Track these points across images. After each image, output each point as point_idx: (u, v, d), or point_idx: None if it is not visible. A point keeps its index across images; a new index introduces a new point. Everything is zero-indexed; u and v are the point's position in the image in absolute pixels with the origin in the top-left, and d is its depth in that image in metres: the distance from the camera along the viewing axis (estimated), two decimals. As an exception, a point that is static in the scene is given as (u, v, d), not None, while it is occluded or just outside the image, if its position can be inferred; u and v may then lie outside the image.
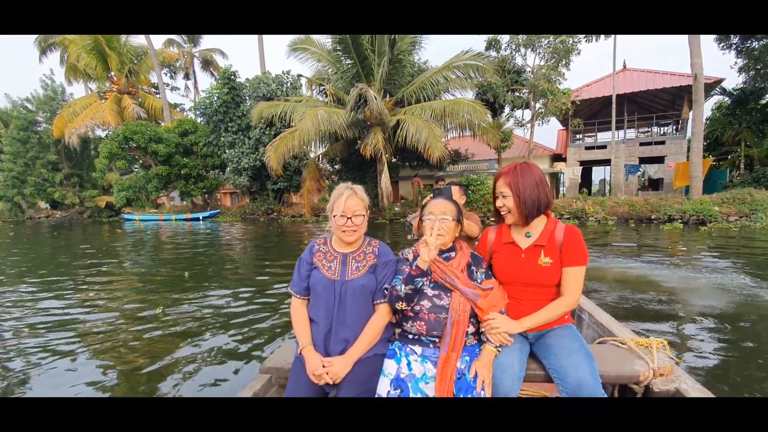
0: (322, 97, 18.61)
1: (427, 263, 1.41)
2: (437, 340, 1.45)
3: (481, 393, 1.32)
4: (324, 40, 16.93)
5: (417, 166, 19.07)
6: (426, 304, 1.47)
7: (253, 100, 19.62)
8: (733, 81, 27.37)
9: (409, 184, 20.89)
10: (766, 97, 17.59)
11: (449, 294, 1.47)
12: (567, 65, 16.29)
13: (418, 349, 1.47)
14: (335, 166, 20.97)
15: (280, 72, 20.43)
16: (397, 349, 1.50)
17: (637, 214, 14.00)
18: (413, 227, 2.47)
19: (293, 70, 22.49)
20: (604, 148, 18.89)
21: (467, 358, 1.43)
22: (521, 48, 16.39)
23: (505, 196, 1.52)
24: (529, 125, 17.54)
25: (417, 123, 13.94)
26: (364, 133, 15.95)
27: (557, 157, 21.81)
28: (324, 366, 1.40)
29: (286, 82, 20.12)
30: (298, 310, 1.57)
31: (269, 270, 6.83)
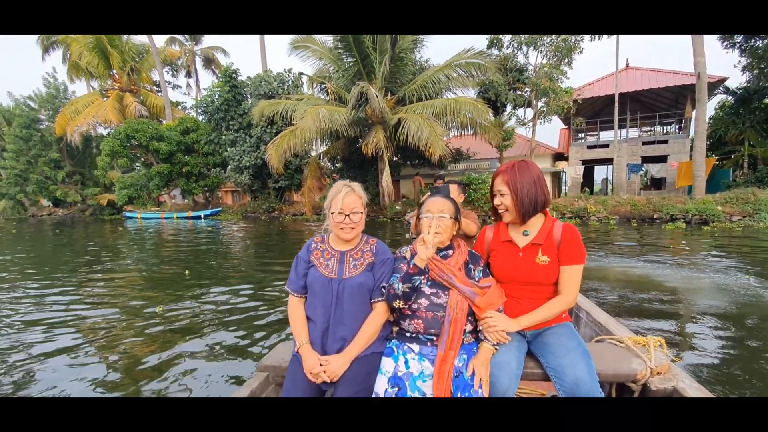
0: (323, 96, 18.58)
1: (424, 261, 1.41)
2: (435, 339, 1.45)
3: (479, 391, 1.31)
4: (325, 38, 16.92)
5: (418, 164, 19.04)
6: (423, 302, 1.46)
7: (254, 99, 19.63)
8: (737, 80, 27.27)
9: (411, 183, 20.86)
10: (770, 96, 17.46)
11: (447, 292, 1.46)
12: (569, 64, 16.21)
13: (416, 347, 1.47)
14: (336, 165, 20.97)
15: (282, 70, 20.42)
16: (394, 348, 1.50)
17: (640, 213, 13.94)
18: (411, 225, 2.47)
19: (294, 68, 22.43)
20: (606, 147, 18.81)
21: (465, 356, 1.42)
22: (523, 46, 16.33)
23: (502, 194, 1.52)
24: (531, 124, 17.49)
25: (418, 121, 13.90)
26: (365, 131, 15.93)
27: (559, 156, 21.73)
28: (321, 364, 1.40)
29: (287, 80, 20.12)
30: (296, 309, 1.57)
31: (270, 268, 6.84)
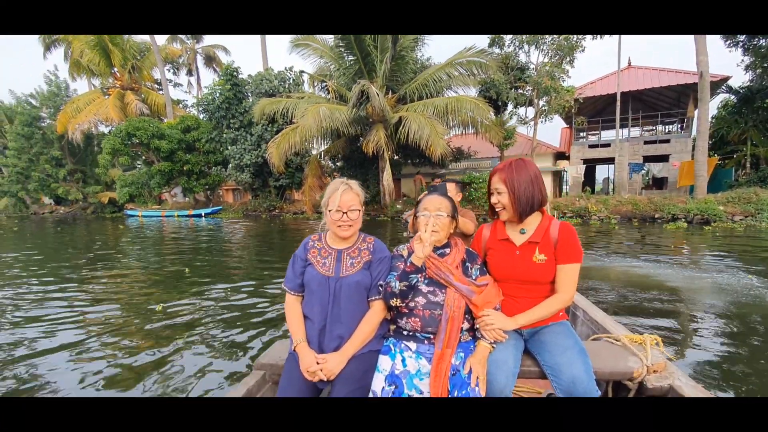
0: (324, 94, 18.56)
1: (421, 259, 1.40)
2: (432, 337, 1.45)
3: (476, 389, 1.31)
4: (326, 36, 16.90)
5: (419, 163, 19.02)
6: (421, 300, 1.46)
7: (255, 97, 19.61)
8: (740, 79, 27.14)
9: (411, 182, 20.83)
10: (773, 95, 17.36)
11: (444, 290, 1.46)
12: (571, 62, 16.15)
13: (413, 345, 1.47)
14: (337, 163, 20.95)
15: (283, 68, 20.39)
16: (391, 346, 1.50)
17: (641, 213, 13.91)
18: (409, 224, 2.46)
19: (295, 67, 22.39)
20: (607, 146, 18.75)
21: (462, 354, 1.42)
22: (525, 45, 16.26)
23: (500, 193, 1.51)
24: (532, 123, 17.44)
25: (419, 120, 13.88)
26: (366, 130, 15.91)
27: (561, 156, 21.68)
28: (318, 363, 1.40)
29: (288, 78, 20.09)
30: (293, 307, 1.57)
31: (269, 266, 6.85)
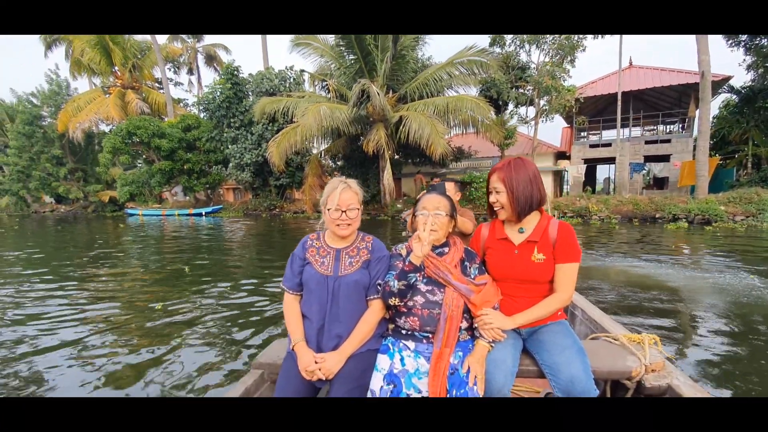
0: (324, 93, 18.55)
1: (420, 259, 1.40)
2: (430, 336, 1.44)
3: (474, 388, 1.31)
4: (327, 35, 16.86)
5: (420, 163, 19.00)
6: (419, 299, 1.46)
7: (255, 96, 19.59)
8: (742, 79, 27.02)
9: (412, 181, 20.81)
10: (775, 95, 17.30)
11: (442, 289, 1.46)
12: (572, 62, 16.12)
13: (412, 344, 1.47)
14: (337, 163, 20.94)
15: (284, 67, 20.38)
16: (390, 345, 1.49)
17: (642, 213, 13.89)
18: (407, 223, 2.46)
19: (296, 66, 22.38)
20: (608, 146, 18.72)
21: (460, 353, 1.42)
22: (526, 44, 16.23)
23: (498, 192, 1.51)
24: (533, 122, 17.41)
25: (420, 119, 13.86)
26: (366, 129, 15.90)
27: (561, 155, 21.64)
28: (317, 362, 1.40)
29: (289, 77, 20.07)
30: (291, 306, 1.56)
31: (270, 265, 6.85)
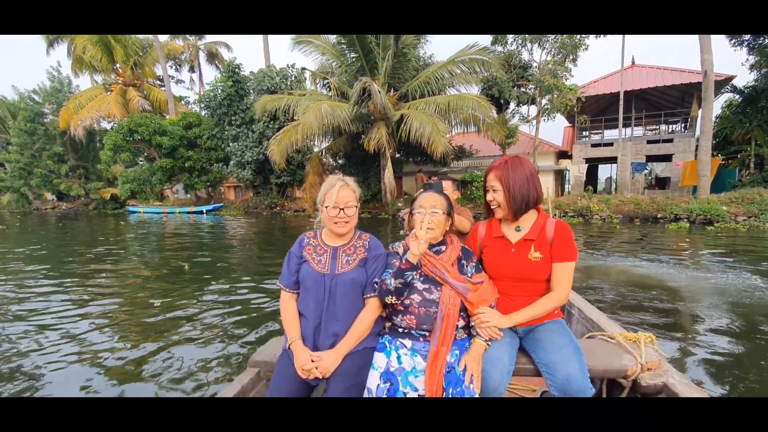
0: (325, 91, 18.52)
1: (417, 257, 1.40)
2: (427, 334, 1.44)
3: (470, 387, 1.31)
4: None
5: (421, 161, 18.98)
6: (416, 297, 1.46)
7: (257, 94, 19.58)
8: (744, 78, 26.92)
9: (413, 180, 20.79)
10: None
11: (439, 288, 1.46)
12: (574, 61, 16.06)
13: (408, 342, 1.46)
14: (338, 161, 20.92)
15: (285, 65, 20.35)
16: (387, 343, 1.49)
17: (643, 212, 13.85)
18: (405, 221, 2.46)
19: (297, 64, 22.32)
20: (610, 145, 18.66)
21: (457, 351, 1.42)
22: (528, 43, 16.18)
23: (495, 190, 1.50)
24: (535, 121, 17.36)
25: (421, 118, 13.83)
26: (367, 127, 15.88)
27: (563, 154, 21.58)
28: (313, 360, 1.40)
29: (290, 75, 20.04)
30: (288, 304, 1.56)
31: (270, 263, 6.86)
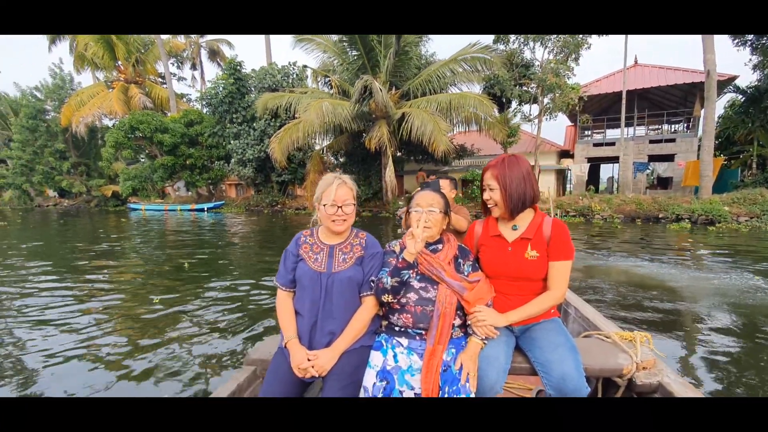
0: (327, 89, 18.50)
1: (413, 255, 1.39)
2: (424, 333, 1.44)
3: (466, 385, 1.31)
4: (330, 31, 16.78)
5: (422, 160, 18.96)
6: (412, 296, 1.45)
7: (258, 92, 19.57)
8: (747, 78, 26.75)
9: (414, 179, 20.78)
10: (781, 95, 17.09)
11: (436, 286, 1.45)
12: (576, 59, 15.98)
13: (405, 341, 1.46)
14: (340, 159, 20.92)
15: (286, 63, 20.34)
16: (383, 341, 1.49)
17: (645, 212, 13.81)
18: (402, 220, 2.45)
19: (299, 61, 22.31)
20: (612, 145, 18.60)
21: (453, 350, 1.42)
22: (530, 41, 16.11)
23: (492, 189, 1.50)
24: (537, 120, 17.31)
25: (422, 116, 13.81)
26: (369, 125, 15.86)
27: (565, 154, 21.53)
28: (309, 359, 1.39)
29: (291, 73, 20.03)
30: (284, 303, 1.56)
31: (270, 260, 6.86)
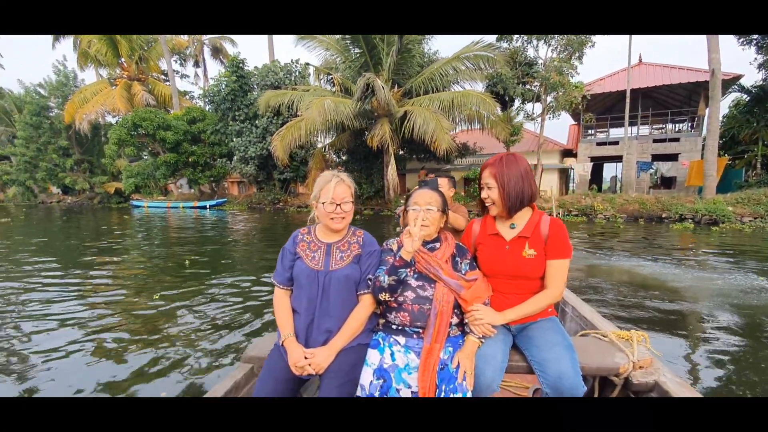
0: (329, 87, 18.48)
1: (410, 254, 1.39)
2: (421, 331, 1.44)
3: (463, 384, 1.31)
4: (332, 29, 16.73)
5: (424, 158, 18.92)
6: (410, 295, 1.45)
7: (260, 89, 19.57)
8: (752, 78, 26.51)
9: (416, 177, 20.75)
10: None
11: (433, 285, 1.45)
12: (580, 58, 15.87)
13: (402, 339, 1.46)
14: (342, 157, 20.91)
15: (289, 61, 20.32)
16: (380, 340, 1.49)
17: (648, 212, 13.74)
18: (400, 218, 2.45)
19: (301, 59, 22.27)
20: (616, 144, 18.48)
21: (450, 348, 1.42)
22: (533, 40, 16.00)
23: (489, 188, 1.50)
24: (540, 119, 17.22)
25: (424, 114, 13.77)
26: (371, 123, 15.84)
27: (568, 153, 21.42)
28: (306, 357, 1.40)
29: (294, 70, 20.01)
30: (281, 301, 1.56)
31: (271, 258, 6.88)
